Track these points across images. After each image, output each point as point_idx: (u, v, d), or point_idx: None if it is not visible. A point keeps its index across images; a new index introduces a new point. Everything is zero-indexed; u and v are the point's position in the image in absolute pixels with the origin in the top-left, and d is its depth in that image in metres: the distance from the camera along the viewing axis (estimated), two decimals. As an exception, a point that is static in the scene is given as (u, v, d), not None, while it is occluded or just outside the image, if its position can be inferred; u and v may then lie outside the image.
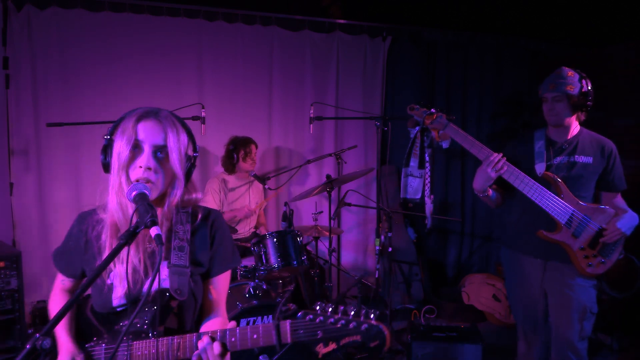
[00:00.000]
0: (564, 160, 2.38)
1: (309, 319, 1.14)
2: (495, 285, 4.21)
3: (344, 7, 4.37)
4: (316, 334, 1.13)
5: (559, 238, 2.31)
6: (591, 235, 2.27)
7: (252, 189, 3.92)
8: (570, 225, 2.28)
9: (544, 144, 2.42)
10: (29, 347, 1.00)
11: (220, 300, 1.47)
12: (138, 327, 1.31)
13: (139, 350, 1.28)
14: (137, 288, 1.34)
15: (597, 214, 2.28)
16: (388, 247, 3.80)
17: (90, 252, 1.39)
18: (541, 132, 2.48)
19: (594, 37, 4.60)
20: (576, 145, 2.39)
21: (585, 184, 2.37)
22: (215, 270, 1.45)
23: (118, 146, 1.29)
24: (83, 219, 1.43)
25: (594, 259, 2.29)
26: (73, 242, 1.43)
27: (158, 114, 1.34)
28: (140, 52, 3.85)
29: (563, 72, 2.36)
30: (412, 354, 2.90)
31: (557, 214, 2.27)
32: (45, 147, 3.68)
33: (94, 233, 1.39)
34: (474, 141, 2.35)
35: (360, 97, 4.51)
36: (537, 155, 2.41)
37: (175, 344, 1.26)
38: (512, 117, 4.86)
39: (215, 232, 1.46)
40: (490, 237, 4.93)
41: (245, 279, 3.14)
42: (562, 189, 2.29)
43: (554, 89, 2.33)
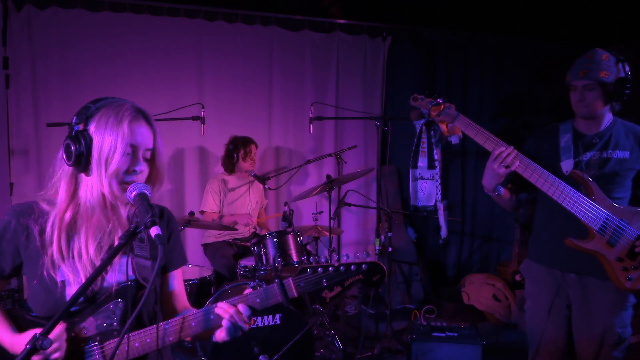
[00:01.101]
0: (596, 156, 2.05)
1: (310, 271, 1.27)
2: (495, 285, 4.21)
3: (344, 7, 4.37)
4: (321, 282, 1.27)
5: (591, 247, 1.97)
6: (630, 243, 1.93)
7: (252, 190, 3.92)
8: (604, 232, 1.94)
9: (571, 137, 2.09)
10: (29, 347, 1.00)
11: (183, 293, 1.51)
12: (105, 327, 1.27)
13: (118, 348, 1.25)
14: (98, 285, 1.29)
15: (636, 218, 1.94)
16: (388, 247, 3.80)
17: (33, 246, 1.28)
18: (568, 124, 2.15)
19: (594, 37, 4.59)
20: (609, 138, 2.06)
21: (621, 183, 2.04)
22: (172, 265, 1.49)
23: (108, 146, 1.24)
24: (22, 212, 1.30)
25: (635, 271, 1.93)
26: (9, 237, 1.28)
27: (145, 115, 1.32)
28: (140, 52, 3.86)
29: (597, 55, 2.02)
30: (412, 354, 2.89)
31: (588, 219, 1.94)
32: (45, 147, 3.68)
33: (37, 226, 1.28)
34: (488, 135, 2.02)
35: (360, 97, 4.52)
36: (563, 150, 2.08)
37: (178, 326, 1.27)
38: (512, 117, 4.86)
39: (172, 229, 1.49)
40: (490, 237, 4.93)
41: (245, 279, 3.15)
42: (594, 189, 1.96)
43: (584, 75, 1.99)
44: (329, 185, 3.51)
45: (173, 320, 1.29)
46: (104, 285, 1.30)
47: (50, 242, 1.27)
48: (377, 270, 1.28)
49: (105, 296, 1.29)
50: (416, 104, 2.18)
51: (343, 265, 1.29)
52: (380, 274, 1.28)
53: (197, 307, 1.55)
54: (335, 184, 3.74)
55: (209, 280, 3.16)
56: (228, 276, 3.39)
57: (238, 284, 2.96)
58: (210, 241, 3.79)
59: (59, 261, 1.26)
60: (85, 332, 1.27)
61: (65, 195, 1.30)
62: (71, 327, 1.26)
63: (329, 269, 1.28)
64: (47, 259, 1.27)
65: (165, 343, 1.28)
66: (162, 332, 1.27)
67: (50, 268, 1.26)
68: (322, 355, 3.35)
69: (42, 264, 1.27)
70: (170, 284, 1.48)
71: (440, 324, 3.07)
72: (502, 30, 4.67)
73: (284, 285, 1.28)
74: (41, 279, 1.26)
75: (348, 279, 1.28)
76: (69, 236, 1.29)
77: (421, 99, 2.15)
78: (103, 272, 1.29)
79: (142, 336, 1.27)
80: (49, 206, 1.31)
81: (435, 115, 2.11)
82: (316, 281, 1.28)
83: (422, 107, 2.16)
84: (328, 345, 3.39)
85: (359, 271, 1.29)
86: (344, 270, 1.29)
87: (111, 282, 1.30)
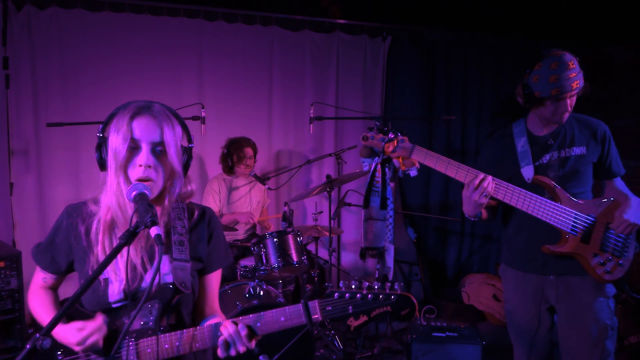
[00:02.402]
0: (554, 156, 2.06)
1: (337, 296, 1.22)
2: (495, 285, 4.21)
3: (344, 7, 4.37)
4: (347, 309, 1.21)
5: (567, 249, 1.99)
6: (600, 235, 1.97)
7: (253, 190, 3.92)
8: (576, 231, 1.97)
9: (527, 141, 2.09)
10: (29, 347, 1.00)
11: (215, 296, 1.50)
12: (142, 325, 1.30)
13: (148, 347, 1.28)
14: (135, 284, 1.32)
15: (599, 209, 1.98)
16: (388, 247, 3.79)
17: (80, 245, 1.35)
18: (520, 126, 2.15)
19: (593, 37, 4.60)
20: (564, 135, 2.07)
21: (581, 178, 2.06)
22: (211, 267, 1.47)
23: (114, 145, 1.27)
24: (72, 211, 1.39)
25: (609, 263, 1.96)
26: (62, 236, 1.38)
27: (151, 109, 1.31)
28: (140, 52, 3.85)
29: (572, 61, 1.95)
30: (412, 354, 2.90)
31: (559, 223, 1.96)
32: (45, 147, 3.68)
33: (84, 226, 1.36)
34: (449, 161, 1.94)
35: (360, 97, 4.52)
36: (521, 156, 2.08)
37: (190, 336, 1.28)
38: (512, 117, 4.84)
39: (213, 230, 1.47)
40: (490, 237, 4.93)
41: (245, 279, 3.15)
42: (558, 192, 1.98)
43: (578, 86, 1.95)
44: (329, 185, 3.51)
45: (187, 331, 1.30)
46: (142, 285, 1.33)
47: (95, 241, 1.33)
48: (406, 305, 1.21)
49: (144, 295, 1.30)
50: (367, 143, 2.01)
51: (372, 294, 1.22)
52: (409, 309, 1.22)
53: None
54: (335, 184, 3.74)
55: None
56: (228, 276, 3.39)
57: (238, 284, 2.97)
58: (210, 241, 3.78)
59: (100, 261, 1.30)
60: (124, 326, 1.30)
61: (105, 199, 1.34)
62: (113, 321, 1.30)
63: (356, 296, 1.22)
64: (92, 257, 1.33)
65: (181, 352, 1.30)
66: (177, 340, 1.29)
67: (95, 266, 1.30)
68: (322, 355, 3.35)
69: (88, 263, 1.33)
70: (205, 286, 1.47)
71: (440, 324, 3.07)
72: (502, 30, 4.67)
73: (309, 307, 1.24)
74: (87, 277, 1.29)
75: (375, 309, 1.22)
76: (111, 236, 1.34)
77: (371, 137, 2.00)
78: (142, 272, 1.32)
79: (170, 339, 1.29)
80: (97, 207, 1.37)
81: (390, 152, 1.98)
82: (342, 307, 1.23)
83: (374, 146, 2.01)
84: (328, 345, 3.39)
85: (387, 302, 1.22)
86: (372, 299, 1.22)
87: (148, 282, 1.32)
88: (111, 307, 1.31)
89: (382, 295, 1.21)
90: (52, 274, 1.44)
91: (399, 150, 1.96)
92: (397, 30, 4.54)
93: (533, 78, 2.02)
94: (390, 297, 1.21)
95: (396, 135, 1.97)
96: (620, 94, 4.30)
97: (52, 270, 1.43)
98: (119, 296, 1.31)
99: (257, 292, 2.86)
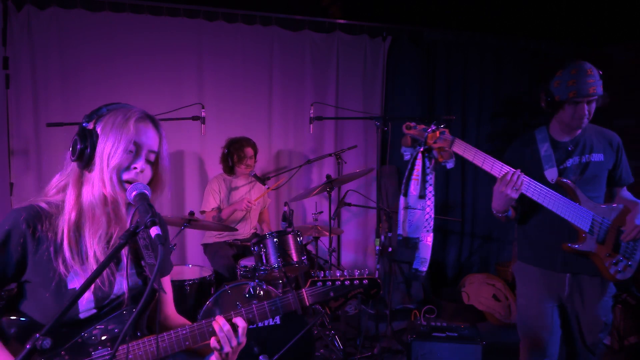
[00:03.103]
0: (575, 161, 2.19)
1: (320, 285, 1.47)
2: (495, 285, 4.21)
3: (344, 7, 4.37)
4: (329, 294, 1.47)
5: (585, 248, 2.12)
6: (613, 237, 2.13)
7: (253, 190, 3.92)
8: (592, 232, 2.11)
9: (550, 146, 2.22)
10: (29, 347, 1.00)
11: (171, 299, 1.53)
12: (116, 332, 1.27)
13: (130, 353, 1.26)
14: (106, 290, 1.29)
15: (614, 214, 2.14)
16: (388, 247, 3.80)
17: (42, 252, 1.25)
18: (543, 132, 2.26)
19: (594, 37, 4.60)
20: (584, 143, 2.21)
21: (598, 184, 2.21)
22: (165, 270, 1.50)
23: (112, 143, 1.25)
24: (29, 215, 1.25)
25: (621, 263, 2.12)
26: (13, 245, 1.23)
27: (154, 119, 1.36)
28: (140, 52, 3.85)
29: (591, 69, 2.06)
30: (412, 354, 2.89)
31: (579, 222, 2.10)
32: (45, 147, 3.68)
33: (50, 229, 1.26)
34: (485, 156, 2.08)
35: (360, 97, 4.52)
36: (544, 159, 2.19)
37: (182, 335, 1.29)
38: (512, 117, 4.86)
39: (167, 235, 1.50)
40: (490, 237, 4.93)
41: (245, 279, 3.14)
42: (578, 194, 2.12)
43: (594, 91, 2.05)
44: (329, 185, 3.51)
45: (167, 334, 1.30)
46: (114, 292, 1.30)
47: (61, 245, 1.25)
48: (374, 286, 1.51)
49: (117, 302, 1.30)
50: (410, 132, 2.12)
51: (348, 280, 1.49)
52: (377, 289, 1.51)
53: (197, 308, 1.56)
54: (335, 184, 3.74)
55: (209, 280, 3.16)
56: (228, 276, 3.39)
57: (238, 284, 2.96)
58: (211, 241, 3.79)
59: (71, 264, 1.25)
60: (94, 338, 1.27)
61: (72, 196, 1.28)
62: (78, 333, 1.26)
63: (336, 283, 1.48)
64: (59, 264, 1.24)
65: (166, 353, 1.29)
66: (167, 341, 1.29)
67: (63, 268, 1.24)
68: (322, 355, 3.35)
69: (54, 270, 1.24)
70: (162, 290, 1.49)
71: (440, 324, 3.07)
72: (502, 30, 4.67)
73: (299, 296, 1.45)
74: (53, 287, 1.24)
75: (350, 291, 1.49)
76: (77, 239, 1.27)
77: (414, 126, 2.11)
78: (111, 278, 1.30)
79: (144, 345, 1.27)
80: (51, 208, 1.28)
81: (432, 142, 2.11)
82: (325, 293, 1.47)
83: (418, 136, 2.12)
84: (328, 345, 3.39)
85: (360, 286, 1.49)
86: (349, 285, 1.49)
87: (122, 288, 1.31)
88: (78, 319, 1.26)
89: (356, 280, 1.49)
90: None
91: (440, 142, 2.09)
92: (397, 30, 4.54)
93: (554, 83, 2.13)
94: (363, 281, 1.50)
95: (438, 127, 2.09)
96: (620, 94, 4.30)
97: None
98: (89, 305, 1.27)
99: (257, 292, 2.86)
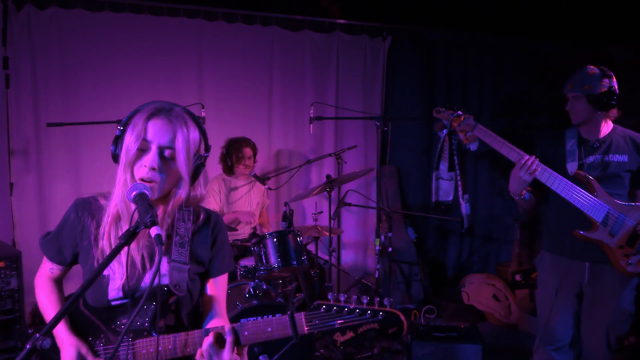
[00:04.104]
0: (597, 159, 2.35)
1: (324, 309, 1.19)
2: (495, 285, 4.21)
3: (344, 7, 4.37)
4: (333, 323, 1.18)
5: (596, 237, 2.26)
6: (629, 233, 2.23)
7: (253, 190, 3.92)
8: (606, 224, 2.24)
9: (576, 142, 2.39)
10: (29, 347, 1.00)
11: (221, 301, 1.49)
12: (138, 325, 1.31)
13: (143, 348, 1.29)
14: (134, 282, 1.33)
15: (633, 211, 2.24)
16: (388, 247, 3.80)
17: (87, 239, 1.37)
18: (573, 130, 2.45)
19: (594, 37, 4.60)
20: (610, 143, 2.36)
21: (620, 182, 2.33)
22: (215, 270, 1.47)
23: (127, 141, 1.29)
24: (80, 205, 1.41)
25: (634, 257, 2.23)
26: (69, 228, 1.40)
27: (170, 112, 1.33)
28: (140, 52, 3.85)
29: (585, 70, 2.35)
30: (412, 354, 2.90)
31: (592, 212, 2.24)
32: (45, 147, 3.68)
33: (94, 220, 1.37)
34: (503, 142, 2.29)
35: (360, 97, 4.51)
36: (568, 154, 2.38)
37: (182, 341, 1.28)
38: (512, 117, 4.86)
39: (217, 234, 1.47)
40: (490, 237, 4.92)
41: (245, 279, 3.15)
42: (596, 187, 2.25)
43: (572, 88, 2.34)
44: (329, 185, 3.51)
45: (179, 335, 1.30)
46: (141, 286, 1.33)
47: (102, 235, 1.34)
48: (394, 322, 1.16)
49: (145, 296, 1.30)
50: (439, 115, 2.42)
51: (359, 309, 1.18)
52: (397, 327, 1.16)
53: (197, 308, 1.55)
54: (335, 184, 3.74)
55: (209, 280, 3.16)
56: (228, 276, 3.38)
57: (238, 284, 2.97)
58: (210, 242, 3.78)
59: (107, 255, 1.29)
60: (122, 327, 1.32)
61: (116, 192, 1.34)
62: (112, 319, 1.33)
63: (343, 310, 1.18)
64: (97, 252, 1.34)
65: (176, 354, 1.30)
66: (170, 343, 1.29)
67: (100, 259, 1.31)
68: (322, 355, 3.35)
69: (92, 256, 1.35)
70: (208, 289, 1.47)
71: (440, 324, 3.08)
72: (502, 30, 4.67)
73: (295, 320, 1.21)
74: (91, 271, 1.32)
75: (362, 325, 1.17)
76: (117, 230, 1.35)
77: (443, 111, 2.40)
78: (141, 271, 1.33)
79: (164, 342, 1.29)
80: (106, 201, 1.38)
81: (456, 126, 2.36)
82: (329, 321, 1.19)
83: (444, 119, 2.40)
84: (328, 345, 3.39)
85: (374, 319, 1.17)
86: (359, 314, 1.18)
87: (147, 283, 1.33)
88: (110, 305, 1.33)
89: (370, 311, 1.17)
90: (59, 265, 1.45)
91: (463, 125, 2.34)
92: (397, 30, 4.54)
93: None
94: (378, 313, 1.17)
95: (464, 112, 2.37)
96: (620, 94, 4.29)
97: (58, 261, 1.44)
98: (118, 294, 1.32)
99: (257, 292, 2.86)
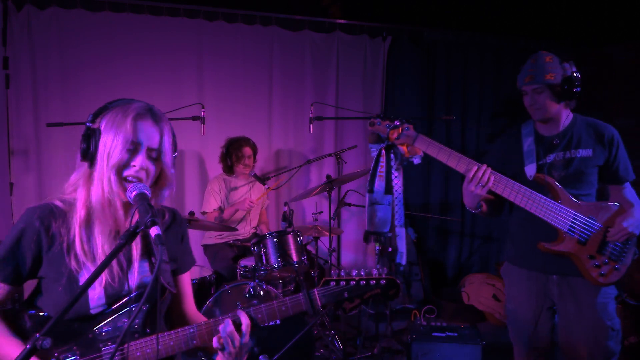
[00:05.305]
0: (559, 157, 2.08)
1: (333, 284, 1.38)
2: (495, 285, 4.20)
3: (344, 7, 4.37)
4: (343, 295, 1.38)
5: (563, 249, 2.00)
6: (599, 238, 1.98)
7: (253, 190, 3.92)
8: (573, 232, 1.99)
9: (534, 140, 2.13)
10: (29, 347, 1.00)
11: (192, 297, 1.52)
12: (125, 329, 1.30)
13: (137, 350, 1.27)
14: (117, 287, 1.30)
15: (601, 212, 1.99)
16: (388, 247, 3.79)
17: (55, 248, 1.27)
18: (529, 127, 2.19)
19: (594, 37, 4.60)
20: (571, 137, 2.09)
21: (586, 180, 2.07)
22: (185, 266, 1.50)
23: (111, 141, 1.25)
24: (42, 213, 1.29)
25: (605, 266, 1.98)
26: (28, 240, 1.26)
27: (154, 114, 1.32)
28: (140, 52, 3.86)
29: (540, 58, 2.06)
30: (412, 354, 2.89)
31: (557, 222, 1.98)
32: (45, 147, 3.68)
33: (63, 226, 1.28)
34: (450, 152, 1.99)
35: (360, 97, 4.52)
36: (526, 155, 2.11)
37: (188, 334, 1.29)
38: (512, 117, 4.86)
39: (185, 231, 1.50)
40: (490, 237, 4.92)
41: (245, 279, 3.15)
42: (558, 191, 2.01)
43: (531, 80, 2.05)
44: (329, 185, 3.51)
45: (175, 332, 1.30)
46: (124, 289, 1.31)
47: (73, 242, 1.27)
48: (393, 286, 1.40)
49: (127, 299, 1.30)
50: (373, 128, 2.11)
51: (364, 280, 1.39)
52: (395, 289, 1.40)
53: (197, 308, 1.55)
54: (335, 184, 3.73)
55: (209, 280, 3.16)
56: (228, 277, 3.39)
57: (238, 284, 2.96)
58: (211, 242, 3.79)
59: (83, 260, 1.27)
60: (104, 334, 1.28)
61: (82, 194, 1.30)
62: (87, 329, 1.27)
63: (350, 283, 1.38)
64: (71, 260, 1.26)
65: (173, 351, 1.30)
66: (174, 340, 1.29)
67: (75, 264, 1.26)
68: (322, 355, 3.35)
69: (66, 266, 1.26)
70: (181, 287, 1.48)
71: (440, 324, 3.07)
72: (502, 30, 4.67)
73: (310, 295, 1.36)
74: (64, 282, 1.25)
75: (367, 292, 1.39)
76: (88, 236, 1.29)
77: (378, 123, 2.09)
78: (122, 276, 1.31)
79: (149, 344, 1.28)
80: (65, 206, 1.31)
81: (394, 138, 2.05)
82: (339, 293, 1.38)
83: (380, 132, 2.11)
84: (328, 345, 3.39)
85: (377, 286, 1.39)
86: (365, 285, 1.39)
87: (132, 285, 1.32)
88: (89, 314, 1.27)
89: (374, 280, 1.39)
90: (9, 286, 1.28)
91: (402, 138, 2.03)
92: (397, 30, 4.54)
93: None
94: (380, 281, 1.39)
95: (402, 123, 2.04)
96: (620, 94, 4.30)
97: (12, 281, 1.27)
98: (100, 301, 1.28)
99: (257, 292, 2.86)
